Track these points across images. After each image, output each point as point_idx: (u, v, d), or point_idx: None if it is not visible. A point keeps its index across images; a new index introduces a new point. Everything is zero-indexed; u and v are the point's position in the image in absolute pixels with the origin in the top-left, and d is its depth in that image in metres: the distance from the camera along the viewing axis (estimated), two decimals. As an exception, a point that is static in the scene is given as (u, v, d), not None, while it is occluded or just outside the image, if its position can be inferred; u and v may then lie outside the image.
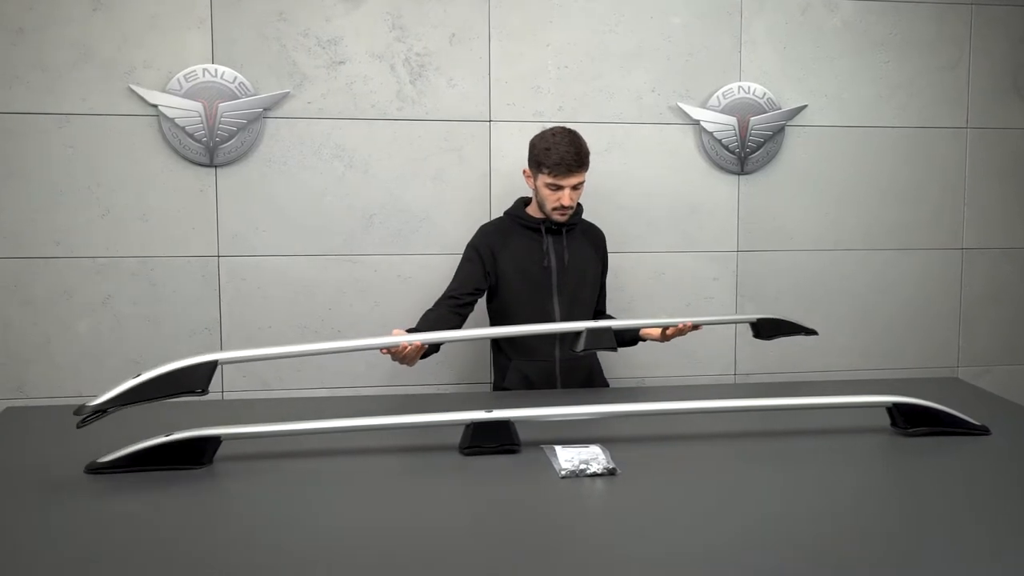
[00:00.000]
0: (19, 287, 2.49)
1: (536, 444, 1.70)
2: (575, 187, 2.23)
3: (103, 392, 1.54)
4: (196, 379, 1.58)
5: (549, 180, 2.21)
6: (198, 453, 1.61)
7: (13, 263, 2.48)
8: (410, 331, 2.05)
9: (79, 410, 1.52)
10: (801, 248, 2.87)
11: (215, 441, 1.62)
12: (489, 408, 1.72)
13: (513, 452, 1.68)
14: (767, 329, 2.17)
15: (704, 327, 2.24)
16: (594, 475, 1.57)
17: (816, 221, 2.87)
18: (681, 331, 2.17)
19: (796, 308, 2.87)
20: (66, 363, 2.53)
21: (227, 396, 2.60)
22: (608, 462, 1.60)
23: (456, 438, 1.69)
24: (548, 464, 1.62)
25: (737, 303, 2.86)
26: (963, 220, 2.96)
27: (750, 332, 2.19)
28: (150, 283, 2.54)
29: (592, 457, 1.63)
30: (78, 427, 1.54)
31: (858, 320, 2.93)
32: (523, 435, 1.71)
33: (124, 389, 1.54)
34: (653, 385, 2.75)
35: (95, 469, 1.57)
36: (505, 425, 1.69)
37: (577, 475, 1.57)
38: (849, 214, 2.89)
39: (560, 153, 2.18)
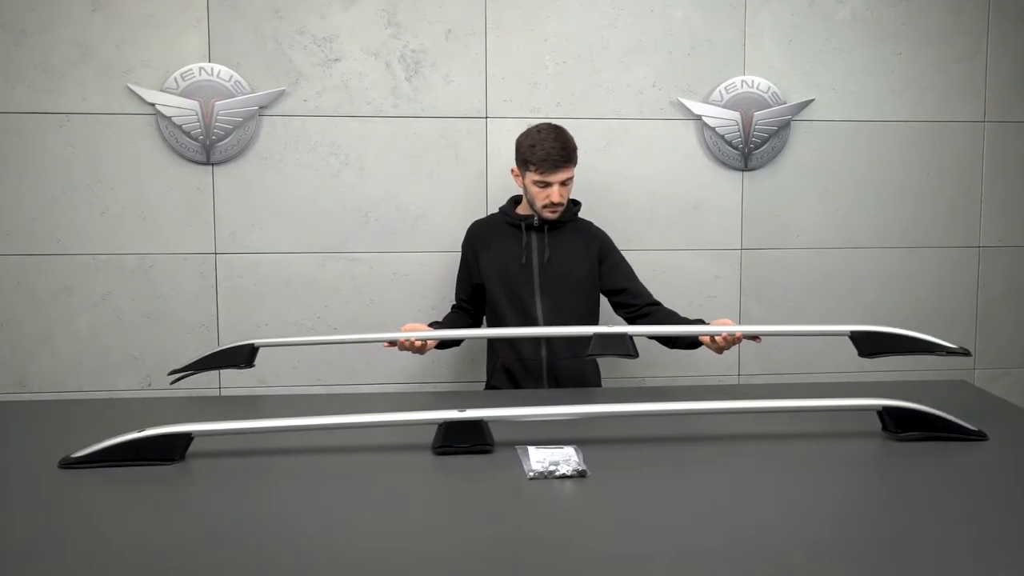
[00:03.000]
0: (22, 284, 2.53)
1: (512, 444, 1.67)
2: (563, 183, 2.20)
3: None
4: (241, 357, 1.99)
5: (537, 177, 2.18)
6: (170, 449, 1.61)
7: (16, 260, 2.53)
8: (431, 324, 2.21)
9: (172, 372, 2.02)
10: (808, 246, 2.79)
11: (186, 437, 1.63)
12: (462, 407, 1.70)
13: (486, 452, 1.65)
14: (871, 344, 1.84)
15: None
16: (563, 477, 1.53)
17: (824, 218, 2.79)
18: (732, 340, 1.98)
19: (802, 308, 2.80)
20: (67, 358, 2.57)
21: (224, 392, 2.62)
22: (579, 464, 1.57)
23: (432, 437, 1.67)
24: (519, 465, 1.59)
25: (741, 303, 2.79)
26: (980, 217, 2.85)
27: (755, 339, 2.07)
28: (148, 280, 2.57)
29: (564, 458, 1.59)
30: (171, 384, 2.06)
31: (868, 321, 2.82)
32: (500, 435, 1.68)
33: (197, 360, 1.99)
34: (654, 385, 2.70)
35: (68, 463, 1.58)
36: (478, 425, 1.66)
37: (546, 477, 1.54)
38: (859, 211, 2.80)
39: (546, 149, 2.15)
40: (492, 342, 2.35)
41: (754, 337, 2.03)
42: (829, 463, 1.63)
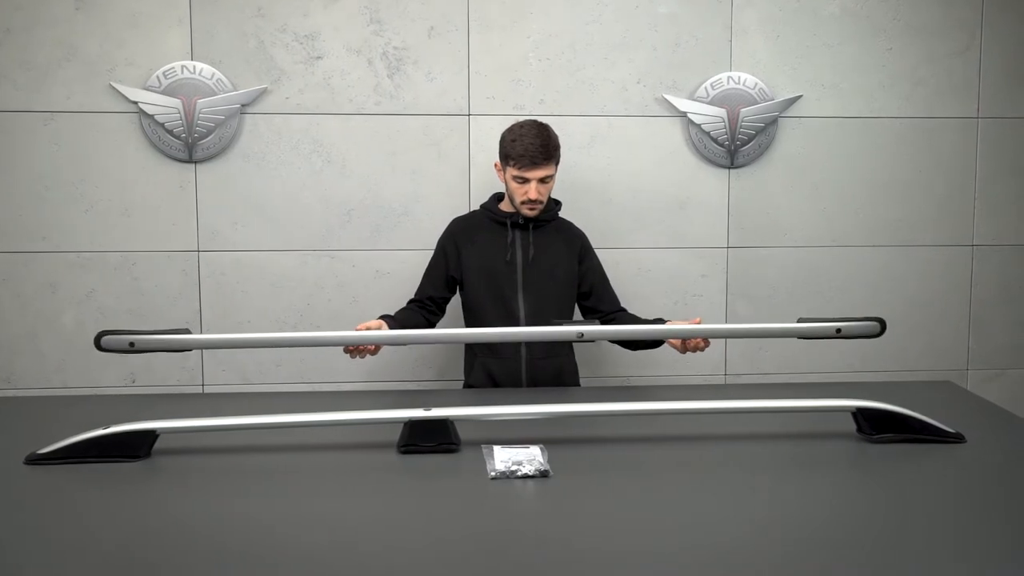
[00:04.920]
0: (8, 281, 2.55)
1: (479, 444, 1.66)
2: (543, 180, 2.18)
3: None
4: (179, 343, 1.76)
5: (516, 172, 2.17)
6: (135, 446, 1.62)
7: (2, 257, 2.55)
8: (383, 317, 2.13)
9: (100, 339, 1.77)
10: (795, 244, 2.76)
11: (151, 434, 1.63)
12: (428, 406, 1.69)
13: (451, 451, 1.64)
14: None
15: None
16: (525, 477, 1.52)
17: (812, 216, 2.76)
18: (696, 346, 2.01)
19: (790, 307, 2.76)
20: (52, 355, 2.59)
21: (207, 390, 2.63)
22: (542, 464, 1.56)
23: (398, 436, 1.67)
24: (484, 465, 1.58)
25: (727, 301, 2.76)
26: (973, 215, 2.80)
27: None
28: (132, 277, 2.58)
29: (528, 458, 1.58)
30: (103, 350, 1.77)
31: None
32: (470, 435, 1.68)
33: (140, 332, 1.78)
34: (639, 385, 2.68)
35: (34, 460, 1.59)
36: (443, 424, 1.66)
37: (508, 476, 1.53)
38: (848, 209, 2.76)
39: (525, 145, 2.14)
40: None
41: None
42: (801, 465, 1.61)
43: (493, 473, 1.53)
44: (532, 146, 2.14)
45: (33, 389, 2.57)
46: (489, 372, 2.25)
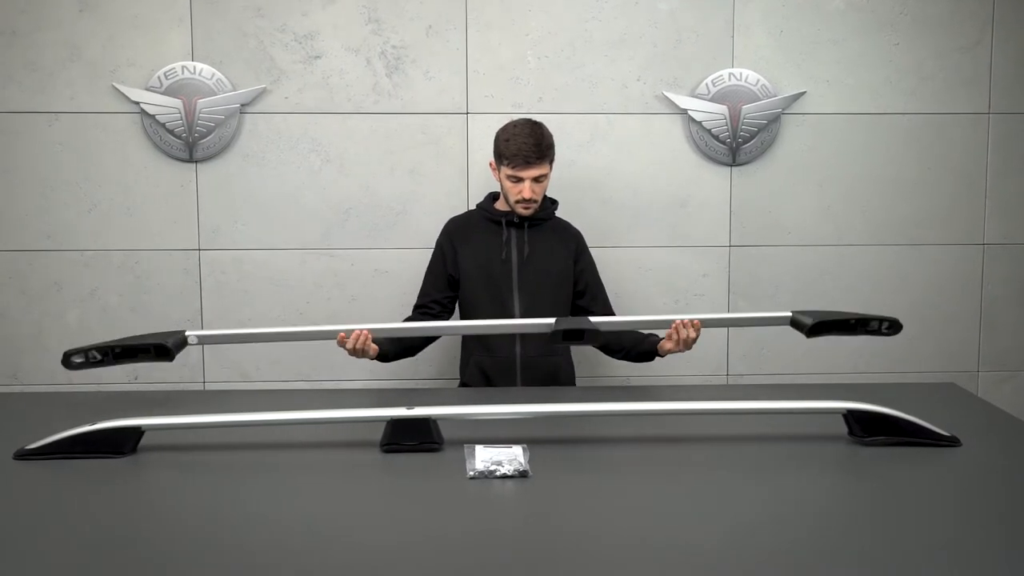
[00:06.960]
0: (14, 279, 2.60)
1: (462, 443, 1.66)
2: (537, 179, 2.17)
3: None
4: (163, 349, 1.84)
5: (509, 172, 2.17)
6: (121, 442, 1.63)
7: (7, 256, 2.59)
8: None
9: (66, 360, 1.91)
10: (799, 243, 2.71)
11: (137, 431, 1.65)
12: (410, 405, 1.68)
13: (433, 451, 1.64)
14: (817, 327, 1.88)
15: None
16: (504, 477, 1.52)
17: (816, 214, 2.71)
18: (688, 341, 2.00)
19: (794, 307, 2.70)
20: (57, 352, 2.59)
21: (209, 386, 2.65)
22: (522, 464, 1.55)
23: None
24: (464, 464, 1.57)
25: (730, 300, 2.73)
26: (984, 213, 2.74)
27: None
28: (135, 276, 2.61)
29: (508, 459, 1.57)
30: (68, 368, 1.91)
31: (864, 320, 2.75)
32: (454, 433, 1.67)
33: (104, 346, 1.88)
34: (635, 385, 2.65)
35: (23, 455, 1.62)
36: (425, 423, 1.65)
37: (487, 476, 1.52)
38: (853, 207, 2.71)
39: (518, 144, 2.13)
40: (466, 339, 2.33)
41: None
42: (789, 467, 1.58)
43: (472, 473, 1.52)
44: (525, 145, 2.13)
45: (38, 385, 2.62)
46: (484, 371, 2.25)
